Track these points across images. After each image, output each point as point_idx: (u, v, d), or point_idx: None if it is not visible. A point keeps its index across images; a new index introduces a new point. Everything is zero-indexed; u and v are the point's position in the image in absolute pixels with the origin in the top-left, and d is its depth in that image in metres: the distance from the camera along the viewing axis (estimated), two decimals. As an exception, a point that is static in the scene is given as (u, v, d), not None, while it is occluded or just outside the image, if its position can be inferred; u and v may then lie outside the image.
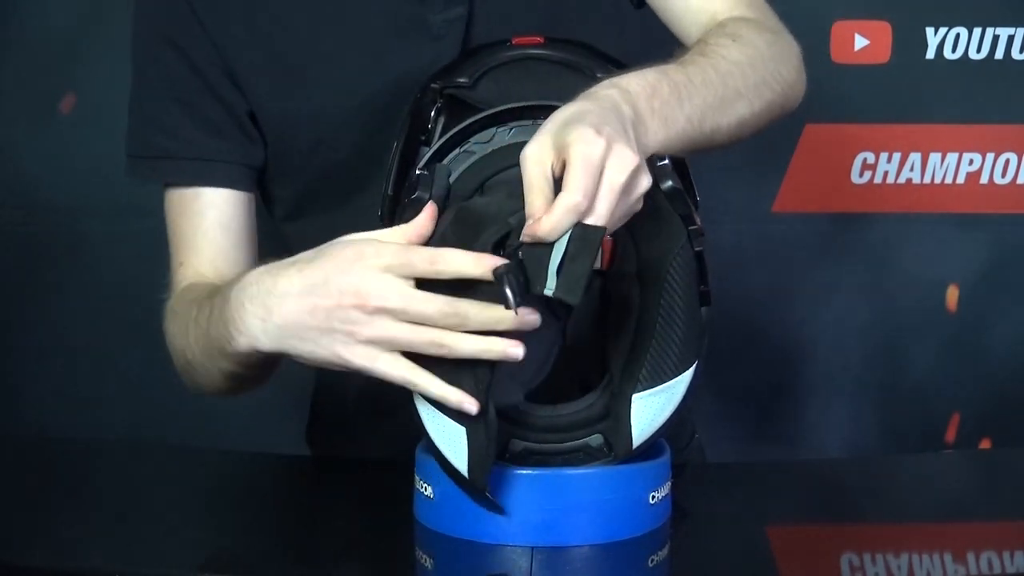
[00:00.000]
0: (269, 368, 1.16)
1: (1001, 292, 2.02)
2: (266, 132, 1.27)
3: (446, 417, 0.99)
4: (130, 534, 1.10)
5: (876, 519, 1.17)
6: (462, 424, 0.98)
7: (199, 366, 1.18)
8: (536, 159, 0.95)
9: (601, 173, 0.94)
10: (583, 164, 0.93)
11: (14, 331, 2.08)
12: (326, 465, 1.37)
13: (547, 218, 0.92)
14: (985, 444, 2.05)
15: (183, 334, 1.19)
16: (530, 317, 0.96)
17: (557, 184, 0.94)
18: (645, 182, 0.97)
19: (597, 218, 0.93)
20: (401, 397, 1.03)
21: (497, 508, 1.00)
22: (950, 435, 2.06)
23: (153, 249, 2.02)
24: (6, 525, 1.11)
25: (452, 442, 0.99)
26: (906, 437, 2.05)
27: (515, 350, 0.97)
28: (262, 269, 1.07)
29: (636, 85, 1.05)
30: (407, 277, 0.98)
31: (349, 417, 1.38)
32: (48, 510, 1.14)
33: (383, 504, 1.15)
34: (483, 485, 0.99)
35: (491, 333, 0.97)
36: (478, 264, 0.96)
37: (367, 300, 0.98)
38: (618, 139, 0.96)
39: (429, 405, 1.00)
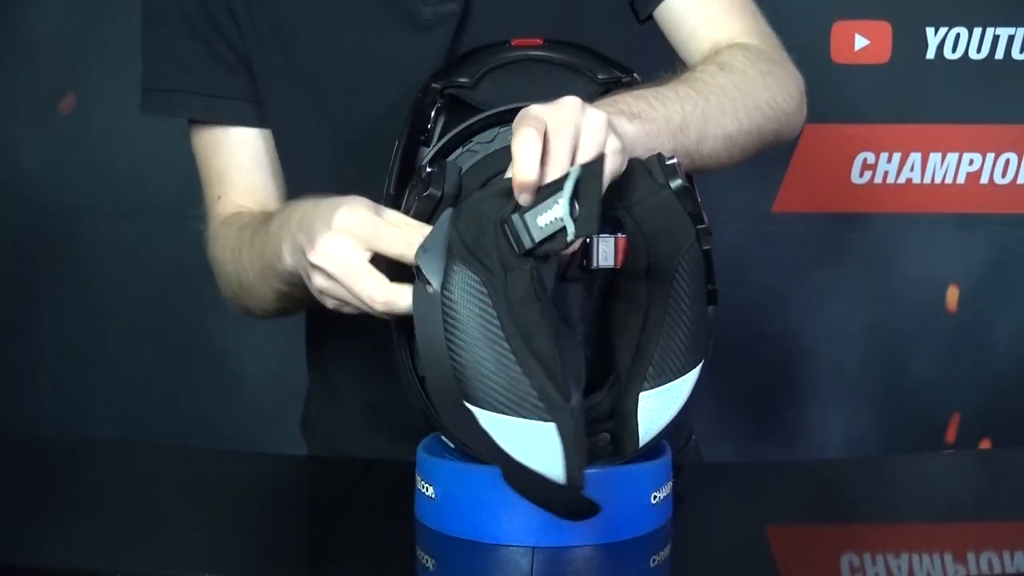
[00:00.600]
0: None
1: (1001, 292, 2.03)
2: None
3: (526, 419, 0.91)
4: (130, 534, 1.10)
5: (876, 519, 1.17)
6: (549, 420, 0.91)
7: (252, 288, 1.21)
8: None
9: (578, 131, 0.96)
10: (561, 128, 0.95)
11: (14, 331, 2.08)
12: (326, 465, 1.37)
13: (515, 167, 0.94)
14: (985, 444, 2.05)
15: (235, 259, 1.22)
16: None
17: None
18: (614, 142, 0.98)
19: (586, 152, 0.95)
20: (391, 396, 1.04)
21: (595, 507, 0.93)
22: (950, 435, 2.06)
23: (153, 249, 2.03)
24: (6, 525, 1.11)
25: (536, 446, 0.92)
26: (906, 437, 2.05)
27: None
28: (305, 202, 1.10)
29: (598, 101, 1.07)
30: (365, 248, 1.01)
31: (343, 413, 1.38)
32: (48, 510, 1.14)
33: (383, 504, 1.15)
34: (581, 484, 0.91)
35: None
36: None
37: (313, 255, 1.02)
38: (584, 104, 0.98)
39: (502, 414, 0.92)
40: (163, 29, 1.29)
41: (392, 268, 1.01)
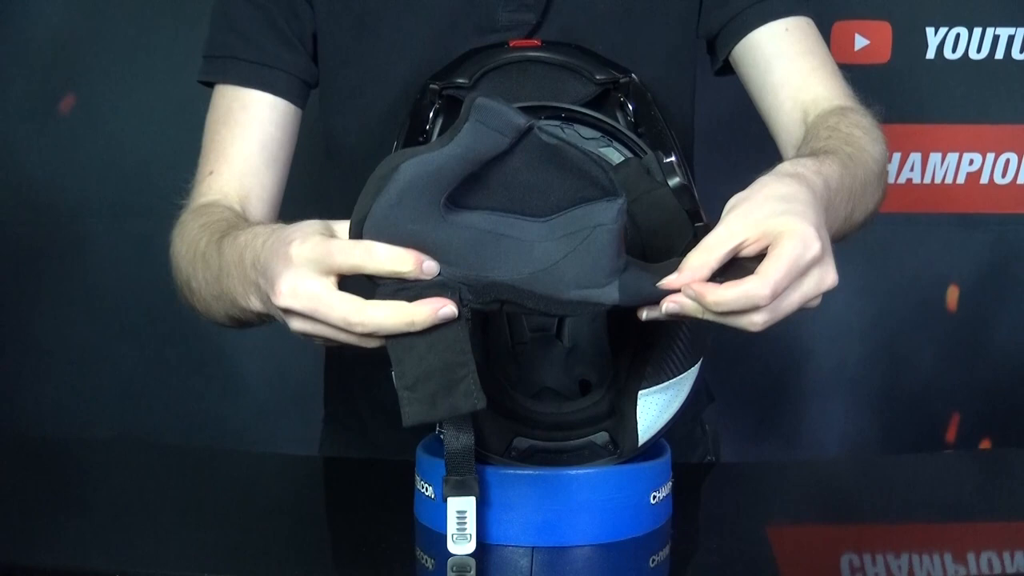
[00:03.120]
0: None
1: (1001, 292, 2.03)
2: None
3: None
4: (130, 534, 1.10)
5: (876, 519, 1.17)
6: None
7: (203, 301, 1.19)
8: (731, 231, 0.93)
9: (801, 279, 0.93)
10: (790, 264, 0.91)
11: (13, 331, 2.08)
12: (327, 465, 1.37)
13: (720, 291, 0.90)
14: (985, 444, 2.05)
15: (190, 261, 1.19)
16: (445, 311, 0.90)
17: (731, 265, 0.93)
18: (816, 303, 0.96)
19: (771, 315, 0.92)
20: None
21: None
22: (950, 435, 2.06)
23: (153, 249, 2.03)
24: (6, 525, 1.11)
25: None
26: (906, 437, 2.05)
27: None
28: (257, 234, 1.05)
29: (834, 180, 1.05)
30: (327, 273, 0.93)
31: (363, 423, 1.39)
32: (48, 510, 1.14)
33: (383, 504, 1.15)
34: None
35: None
36: (406, 262, 0.91)
37: (279, 299, 0.95)
38: (829, 253, 0.94)
39: None
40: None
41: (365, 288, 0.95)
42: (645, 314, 0.94)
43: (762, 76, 1.28)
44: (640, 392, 1.01)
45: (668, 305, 0.92)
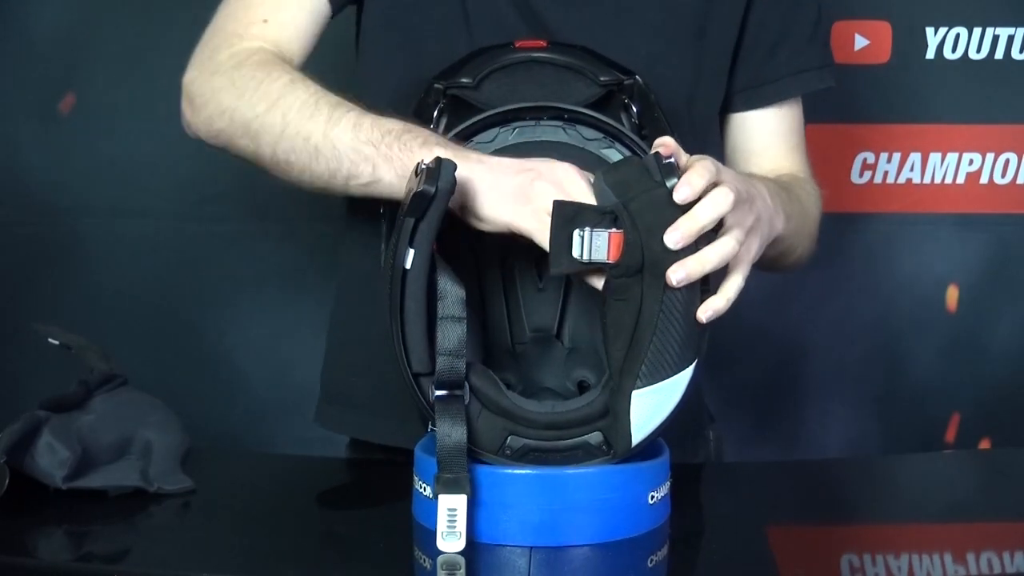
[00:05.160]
0: None
1: (1001, 292, 2.02)
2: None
3: None
4: (130, 534, 1.10)
5: (876, 519, 1.17)
6: None
7: (280, 140, 1.18)
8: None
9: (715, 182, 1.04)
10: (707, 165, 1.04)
11: (13, 331, 2.08)
12: (326, 465, 1.37)
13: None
14: (985, 444, 2.05)
15: (275, 99, 1.19)
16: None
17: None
18: (730, 246, 1.05)
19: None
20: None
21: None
22: (950, 435, 2.06)
23: (153, 249, 2.03)
24: (7, 525, 1.11)
25: None
26: (906, 437, 2.05)
27: None
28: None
29: (774, 191, 1.18)
30: None
31: (357, 401, 1.39)
32: (48, 510, 1.14)
33: (383, 504, 1.15)
34: None
35: None
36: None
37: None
38: (736, 184, 1.06)
39: None
40: None
41: None
42: None
43: (745, 139, 1.38)
44: (634, 392, 1.01)
45: None
